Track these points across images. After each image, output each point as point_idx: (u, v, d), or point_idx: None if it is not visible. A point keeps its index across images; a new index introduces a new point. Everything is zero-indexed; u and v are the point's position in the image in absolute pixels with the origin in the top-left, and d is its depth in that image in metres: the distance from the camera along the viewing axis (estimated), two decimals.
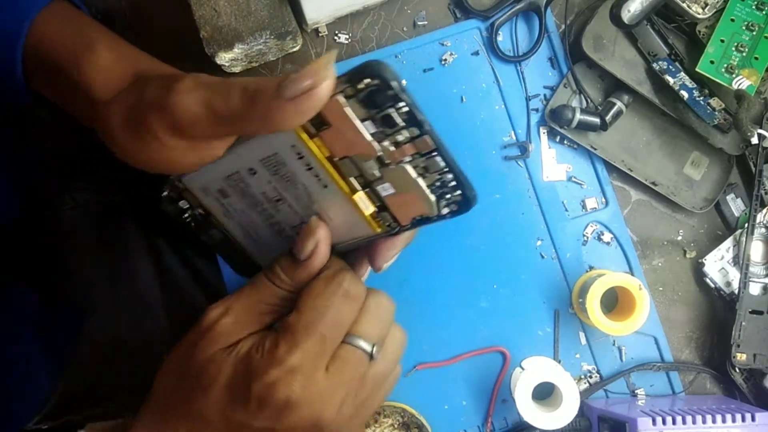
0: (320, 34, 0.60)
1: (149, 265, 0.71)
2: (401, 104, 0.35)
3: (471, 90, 0.61)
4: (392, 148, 0.37)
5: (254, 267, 0.48)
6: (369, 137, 0.36)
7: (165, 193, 0.45)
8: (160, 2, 0.61)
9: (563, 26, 0.61)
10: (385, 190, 0.39)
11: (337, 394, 0.40)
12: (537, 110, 0.61)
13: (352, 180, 0.39)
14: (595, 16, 0.58)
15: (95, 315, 0.69)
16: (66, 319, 0.71)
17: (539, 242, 0.61)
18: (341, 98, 0.35)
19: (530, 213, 0.61)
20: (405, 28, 0.61)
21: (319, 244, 0.41)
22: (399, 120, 0.35)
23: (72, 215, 0.69)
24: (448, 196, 0.38)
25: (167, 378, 0.44)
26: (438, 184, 0.38)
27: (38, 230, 0.69)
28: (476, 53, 0.61)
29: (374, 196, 0.39)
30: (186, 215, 0.46)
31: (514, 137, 0.61)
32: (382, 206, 0.40)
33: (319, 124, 0.36)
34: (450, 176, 0.37)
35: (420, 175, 0.37)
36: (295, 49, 0.58)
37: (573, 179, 0.61)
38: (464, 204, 0.38)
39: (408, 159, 0.37)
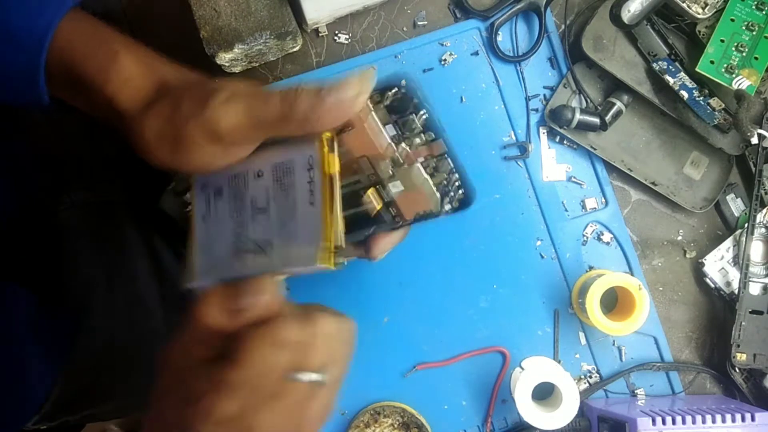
0: (320, 34, 0.60)
1: (147, 265, 0.71)
2: (422, 112, 0.40)
3: (471, 90, 0.61)
4: (408, 150, 0.41)
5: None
6: (389, 139, 0.41)
7: (171, 186, 0.47)
8: (160, 2, 0.61)
9: (563, 26, 0.61)
10: (395, 187, 0.41)
11: (277, 427, 0.41)
12: (537, 110, 0.61)
13: (356, 185, 0.42)
14: (595, 16, 0.58)
15: (93, 315, 0.69)
16: (64, 319, 0.71)
17: (539, 242, 0.61)
18: (369, 104, 0.40)
19: (530, 213, 0.61)
20: (405, 28, 0.61)
21: (259, 302, 0.40)
22: (418, 125, 0.41)
23: (69, 215, 0.68)
24: (452, 194, 0.42)
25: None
26: (445, 183, 0.41)
27: (35, 231, 0.69)
28: (476, 53, 0.61)
29: (383, 193, 0.42)
30: (188, 208, 0.47)
31: (513, 137, 0.61)
32: (389, 202, 0.42)
33: (344, 127, 0.40)
34: (456, 176, 0.41)
35: (430, 174, 0.41)
36: (295, 49, 0.58)
37: (573, 179, 0.61)
38: (465, 202, 0.42)
39: (421, 160, 0.41)
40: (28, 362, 0.68)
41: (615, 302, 0.60)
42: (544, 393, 0.60)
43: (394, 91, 0.40)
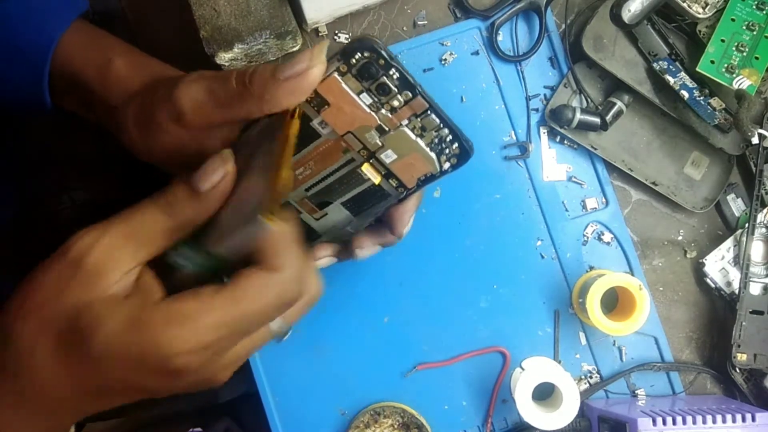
0: (320, 34, 0.60)
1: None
2: (392, 71, 0.38)
3: (471, 90, 0.61)
4: (389, 115, 0.40)
5: None
6: (367, 108, 0.39)
7: None
8: (160, 2, 0.61)
9: (563, 26, 0.61)
10: (388, 157, 0.41)
11: (234, 366, 0.40)
12: (537, 110, 0.61)
13: (351, 154, 0.41)
14: (595, 16, 0.58)
15: None
16: None
17: (539, 242, 0.61)
18: (336, 76, 0.38)
19: (530, 213, 0.61)
20: (405, 28, 0.61)
21: (225, 178, 0.38)
22: (392, 86, 0.38)
23: (69, 215, 0.69)
24: (447, 150, 0.41)
25: (35, 332, 0.37)
26: (436, 141, 0.40)
27: (36, 230, 0.69)
28: (476, 53, 0.61)
29: (379, 166, 0.41)
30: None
31: (514, 137, 0.61)
32: (387, 173, 0.42)
33: (319, 104, 0.39)
34: (446, 131, 0.40)
35: (418, 135, 0.40)
36: (295, 49, 0.58)
37: (573, 179, 0.61)
38: (463, 155, 0.41)
39: (405, 122, 0.40)
40: None
41: (615, 302, 0.60)
42: (545, 393, 0.59)
43: (357, 56, 0.38)
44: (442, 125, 0.40)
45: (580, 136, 0.60)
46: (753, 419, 0.53)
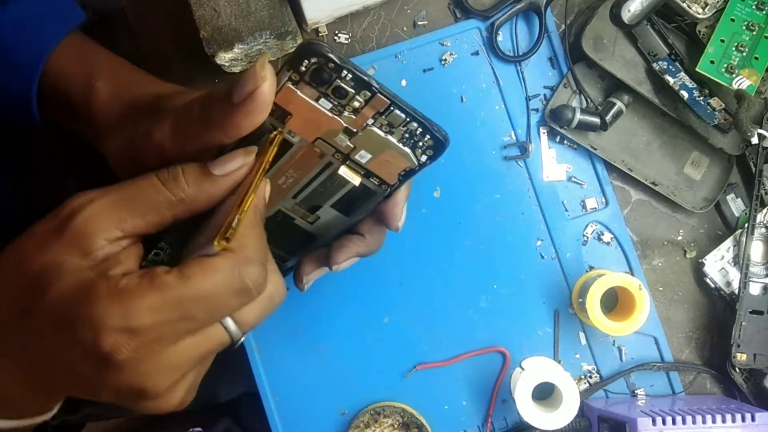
0: (320, 34, 0.60)
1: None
2: (344, 72, 0.37)
3: (471, 90, 0.61)
4: (353, 117, 0.39)
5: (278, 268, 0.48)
6: (328, 113, 0.38)
7: None
8: (160, 2, 0.61)
9: (563, 26, 0.61)
10: (363, 157, 0.41)
11: (177, 372, 0.36)
12: (537, 110, 0.61)
13: (330, 157, 0.41)
14: (595, 16, 0.58)
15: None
16: None
17: (539, 242, 0.61)
18: (290, 85, 0.37)
19: (530, 213, 0.61)
20: (405, 28, 0.61)
21: (240, 170, 0.38)
22: (348, 88, 0.38)
23: None
24: (420, 143, 0.40)
25: (5, 267, 0.37)
26: (407, 135, 0.40)
27: None
28: (476, 53, 0.61)
29: (357, 167, 0.41)
30: None
31: (514, 137, 0.61)
32: (367, 173, 0.41)
33: (282, 116, 0.39)
34: (414, 125, 0.39)
35: (387, 132, 0.40)
36: (294, 49, 0.58)
37: (573, 179, 0.61)
38: (438, 146, 0.40)
39: (371, 121, 0.39)
40: None
41: (615, 302, 0.60)
42: (545, 393, 0.60)
43: (306, 63, 0.36)
44: (408, 119, 0.39)
45: (579, 136, 0.60)
46: (753, 419, 0.53)
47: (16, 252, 0.37)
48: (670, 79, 0.57)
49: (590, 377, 0.61)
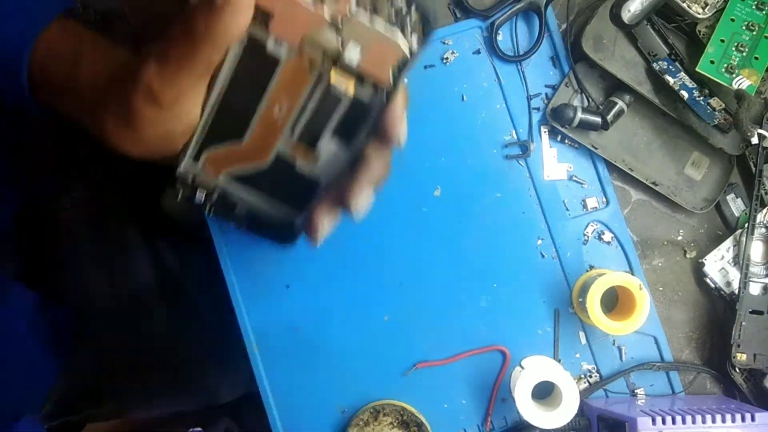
0: None
1: (148, 265, 0.72)
2: None
3: (472, 89, 0.61)
4: (335, 5, 0.37)
5: (288, 228, 0.48)
6: (310, 4, 0.37)
7: (180, 195, 0.46)
8: (160, 2, 0.61)
9: (564, 26, 0.61)
10: (353, 57, 0.39)
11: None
12: (538, 109, 0.61)
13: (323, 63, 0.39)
14: (595, 16, 0.58)
15: (94, 315, 0.69)
16: (65, 318, 0.71)
17: (540, 241, 0.61)
18: None
19: (531, 212, 0.61)
20: None
21: None
22: None
23: (70, 215, 0.69)
24: (408, 20, 0.38)
25: None
26: (393, 16, 0.38)
27: (37, 230, 0.69)
28: (477, 52, 0.61)
29: (348, 72, 0.40)
30: (208, 207, 0.46)
31: (515, 136, 0.61)
32: (359, 77, 0.40)
33: (265, 19, 0.38)
34: (398, 2, 0.38)
35: (373, 13, 0.38)
36: None
37: (574, 178, 0.61)
38: (426, 22, 0.39)
39: (354, 6, 0.38)
40: (31, 361, 0.68)
41: (615, 302, 0.60)
42: (544, 392, 0.60)
43: None
44: None
45: (581, 135, 0.60)
46: (752, 419, 0.53)
47: None
48: (670, 79, 0.57)
49: (590, 376, 0.61)
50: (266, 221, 0.48)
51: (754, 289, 0.59)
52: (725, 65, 0.56)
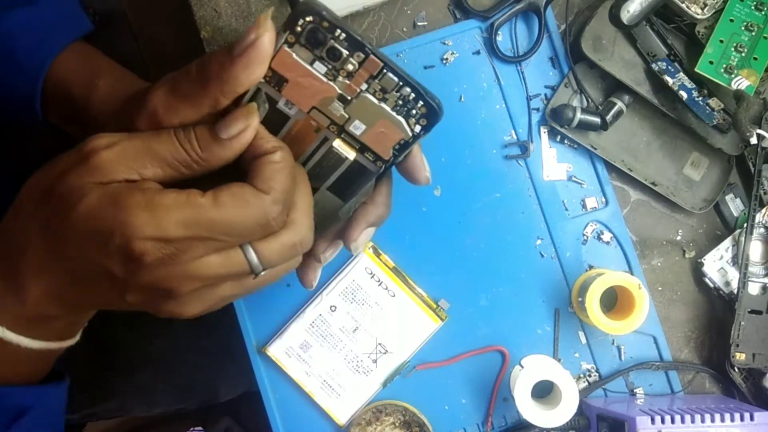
0: None
1: None
2: (338, 32, 0.37)
3: (472, 89, 0.61)
4: (347, 82, 0.39)
5: None
6: (323, 78, 0.39)
7: None
8: (160, 3, 0.61)
9: (563, 26, 0.61)
10: (358, 128, 0.40)
11: (200, 281, 0.39)
12: (538, 110, 0.61)
13: (328, 130, 0.41)
14: (594, 17, 0.58)
15: (94, 314, 0.69)
16: None
17: (539, 241, 0.61)
18: (286, 48, 0.38)
19: (530, 212, 0.61)
20: (405, 29, 0.61)
21: (247, 130, 0.39)
22: (342, 48, 0.38)
23: None
24: (414, 111, 0.40)
25: (29, 198, 0.41)
26: (400, 102, 0.39)
27: None
28: (477, 52, 0.61)
29: (352, 141, 0.41)
30: None
31: (514, 136, 0.61)
32: (362, 147, 0.41)
33: (279, 83, 0.39)
34: (407, 90, 0.39)
35: (381, 99, 0.39)
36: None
37: (573, 179, 0.61)
38: (431, 114, 0.40)
39: (365, 87, 0.39)
40: None
41: (615, 301, 0.61)
42: (544, 391, 0.60)
43: (301, 23, 0.37)
44: (401, 83, 0.39)
45: (580, 135, 0.60)
46: (751, 418, 0.53)
47: (39, 180, 0.40)
48: (669, 80, 0.57)
49: (589, 376, 0.61)
50: None
51: (753, 288, 0.59)
52: (724, 66, 0.56)
